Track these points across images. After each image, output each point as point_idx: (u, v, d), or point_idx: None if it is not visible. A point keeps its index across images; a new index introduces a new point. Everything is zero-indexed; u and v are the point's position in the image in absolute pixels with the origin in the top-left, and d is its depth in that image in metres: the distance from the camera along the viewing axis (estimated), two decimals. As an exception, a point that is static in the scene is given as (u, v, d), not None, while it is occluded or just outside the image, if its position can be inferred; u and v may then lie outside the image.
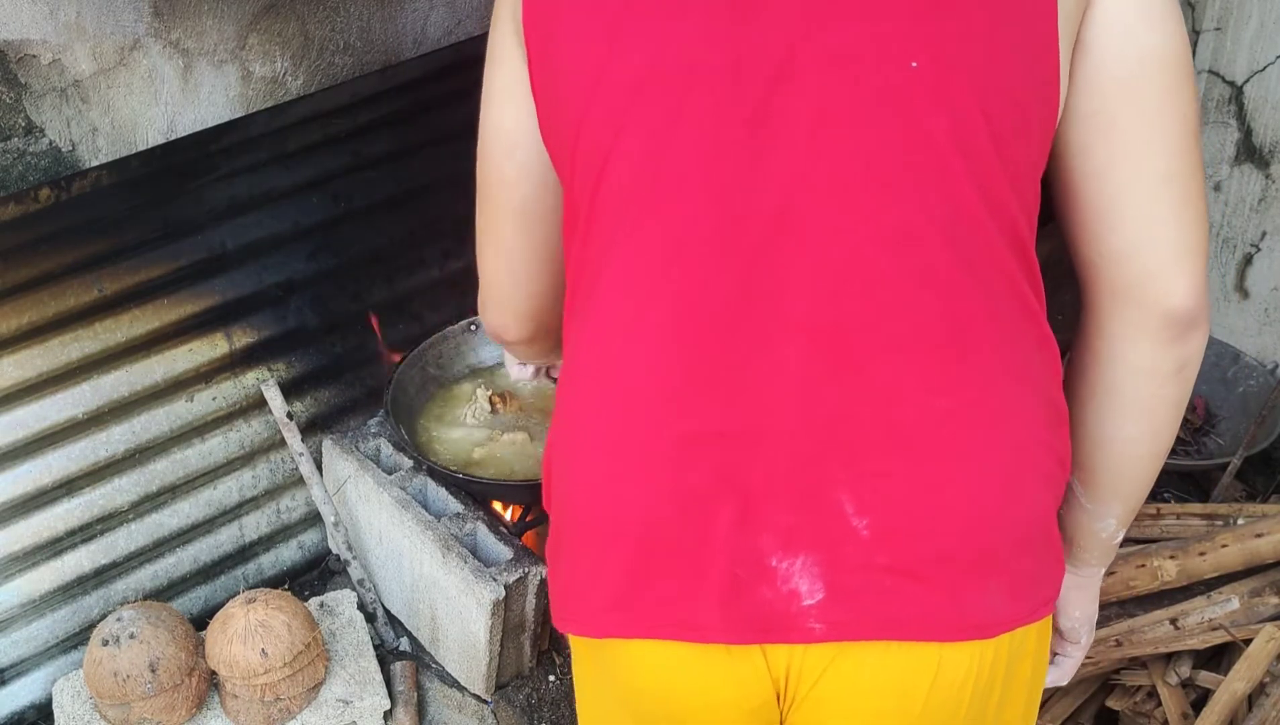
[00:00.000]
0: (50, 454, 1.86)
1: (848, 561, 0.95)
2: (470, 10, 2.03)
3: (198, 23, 1.71)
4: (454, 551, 1.90)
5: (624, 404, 0.98)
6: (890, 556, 0.95)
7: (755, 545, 0.96)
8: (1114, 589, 1.97)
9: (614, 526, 1.00)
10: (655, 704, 1.05)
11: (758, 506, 0.95)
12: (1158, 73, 0.93)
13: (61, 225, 1.73)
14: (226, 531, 2.09)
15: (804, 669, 0.99)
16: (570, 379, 1.04)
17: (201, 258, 1.91)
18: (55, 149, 1.66)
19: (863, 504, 0.94)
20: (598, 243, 0.98)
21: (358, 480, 2.06)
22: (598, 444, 1.00)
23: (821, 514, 0.95)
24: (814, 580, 0.95)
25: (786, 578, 0.96)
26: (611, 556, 1.00)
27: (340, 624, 1.99)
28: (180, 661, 1.78)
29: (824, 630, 0.96)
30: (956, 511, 0.95)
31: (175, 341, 1.93)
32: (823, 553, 0.95)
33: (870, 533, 0.94)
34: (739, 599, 0.97)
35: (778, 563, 0.95)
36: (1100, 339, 1.01)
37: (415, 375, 2.15)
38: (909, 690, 0.98)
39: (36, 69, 1.61)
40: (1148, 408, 1.03)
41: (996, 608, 0.97)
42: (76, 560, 1.93)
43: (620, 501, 0.99)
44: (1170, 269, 0.96)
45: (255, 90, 1.82)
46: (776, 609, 0.96)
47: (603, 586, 1.01)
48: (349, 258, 2.08)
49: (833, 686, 0.99)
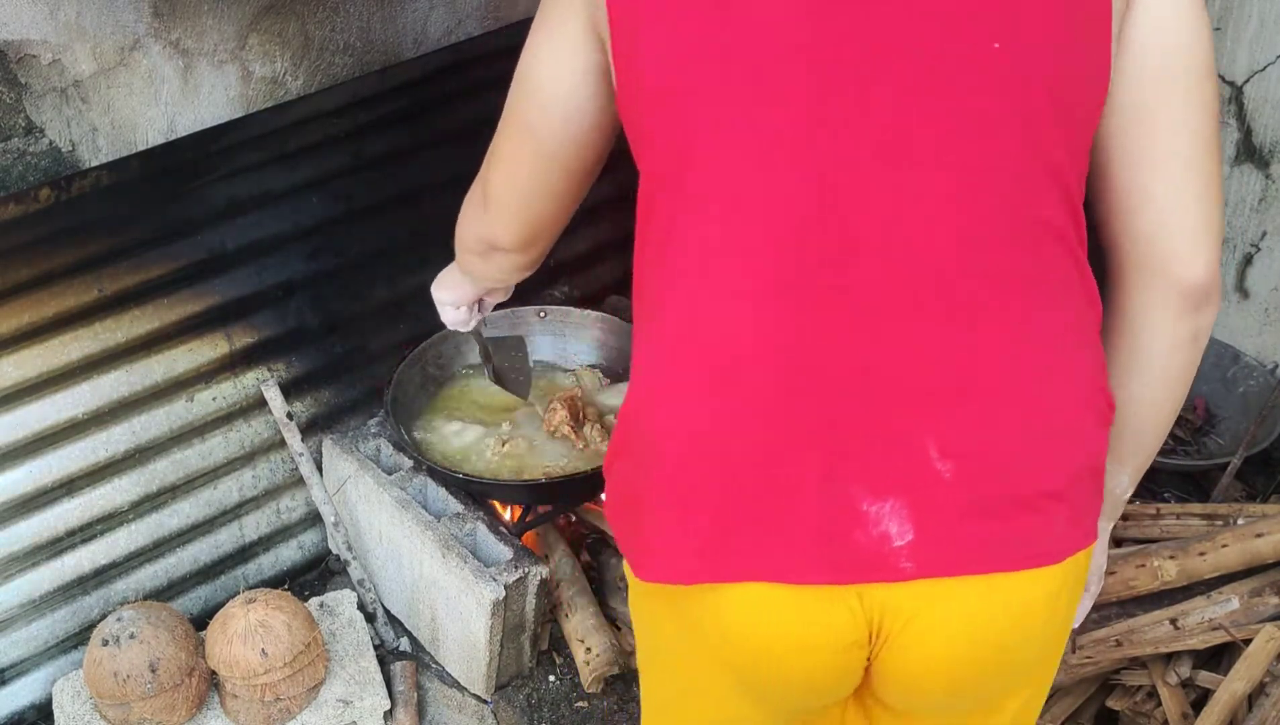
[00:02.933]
0: (50, 454, 1.86)
1: (934, 503, 1.01)
2: (470, 10, 2.03)
3: (198, 23, 1.71)
4: (454, 551, 1.90)
5: (718, 358, 1.03)
6: (971, 496, 1.01)
7: (847, 491, 1.01)
8: (1114, 589, 1.97)
9: (708, 475, 1.04)
10: (747, 650, 1.08)
11: (848, 454, 1.01)
12: (1189, 68, 1.03)
13: (61, 225, 1.73)
14: (226, 531, 2.09)
15: (898, 607, 1.04)
16: (656, 335, 1.08)
17: (201, 258, 1.91)
18: (55, 149, 1.66)
19: (945, 448, 1.01)
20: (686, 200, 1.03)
21: (358, 480, 2.06)
22: (691, 396, 1.05)
23: (908, 459, 1.01)
24: (903, 522, 1.01)
25: (877, 521, 1.01)
26: (704, 504, 1.04)
27: (340, 624, 1.99)
28: (180, 662, 1.78)
29: (914, 568, 1.02)
30: (1029, 451, 1.03)
31: (175, 341, 1.93)
32: (910, 496, 1.01)
33: (953, 475, 1.01)
34: (832, 542, 1.02)
35: (868, 507, 1.01)
36: (1125, 310, 1.12)
37: (415, 375, 2.15)
38: (993, 618, 1.05)
39: (36, 69, 1.61)
40: (1166, 372, 1.14)
41: (1062, 535, 1.05)
42: (76, 560, 1.93)
43: (715, 450, 1.03)
44: (1191, 248, 1.07)
45: (255, 90, 1.82)
46: (869, 550, 1.02)
47: (694, 534, 1.05)
48: (349, 258, 2.08)
49: (923, 622, 1.05)
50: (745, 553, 1.04)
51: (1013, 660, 1.09)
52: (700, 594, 1.07)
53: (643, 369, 1.10)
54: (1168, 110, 1.03)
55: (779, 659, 1.08)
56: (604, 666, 1.96)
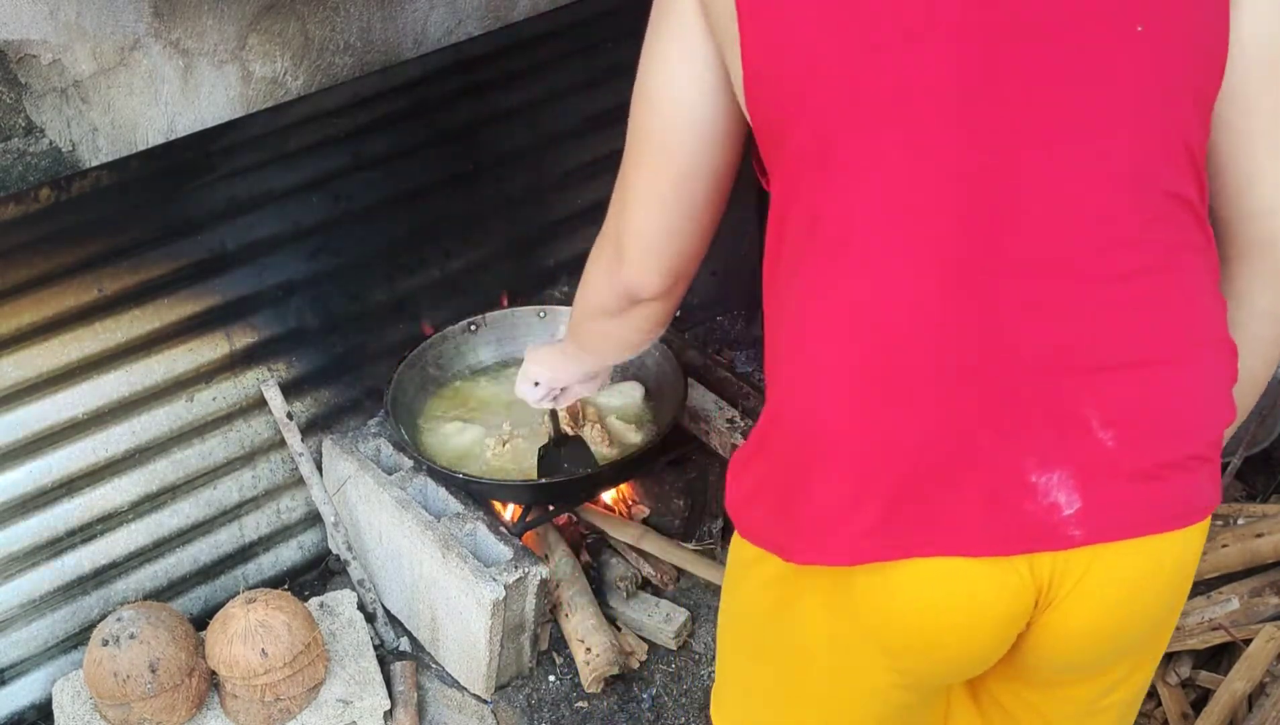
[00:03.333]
0: (50, 454, 1.86)
1: (1098, 471, 1.05)
2: (470, 10, 2.03)
3: (198, 23, 1.71)
4: (454, 551, 1.90)
5: (881, 338, 1.05)
6: (1131, 462, 1.05)
7: (1016, 464, 1.04)
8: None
9: (879, 455, 1.06)
10: (912, 629, 1.10)
11: (1015, 427, 1.04)
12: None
13: (62, 225, 1.73)
14: (226, 531, 2.09)
15: (1066, 573, 1.07)
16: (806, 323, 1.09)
17: (201, 258, 1.91)
18: (55, 149, 1.66)
19: (1106, 418, 1.04)
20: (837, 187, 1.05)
21: (358, 480, 2.06)
22: (857, 377, 1.06)
23: (1072, 430, 1.04)
24: (1070, 492, 1.04)
25: (1046, 492, 1.04)
26: (875, 483, 1.06)
27: (340, 624, 1.99)
28: (180, 662, 1.78)
29: (1082, 535, 1.05)
30: (1182, 416, 1.08)
31: (175, 341, 1.93)
32: (1076, 466, 1.05)
33: (1115, 443, 1.05)
34: (1003, 514, 1.05)
35: (1037, 478, 1.04)
36: (1231, 285, 1.16)
37: (415, 375, 2.15)
38: (1152, 577, 1.10)
39: (37, 69, 1.61)
40: (1265, 345, 1.20)
41: (1207, 492, 1.10)
42: (76, 560, 1.93)
43: (883, 431, 1.05)
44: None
45: (255, 90, 1.82)
46: (1038, 520, 1.05)
47: (863, 513, 1.06)
48: (349, 258, 2.08)
49: (1087, 586, 1.08)
50: (917, 529, 1.06)
51: (1161, 616, 1.16)
52: (865, 576, 1.09)
53: (791, 360, 1.11)
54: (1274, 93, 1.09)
55: (945, 634, 1.10)
56: (604, 666, 1.96)
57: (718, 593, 2.12)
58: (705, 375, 2.25)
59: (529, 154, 2.23)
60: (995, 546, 1.06)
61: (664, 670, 2.06)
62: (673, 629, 2.05)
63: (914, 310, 1.04)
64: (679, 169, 1.17)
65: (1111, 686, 1.22)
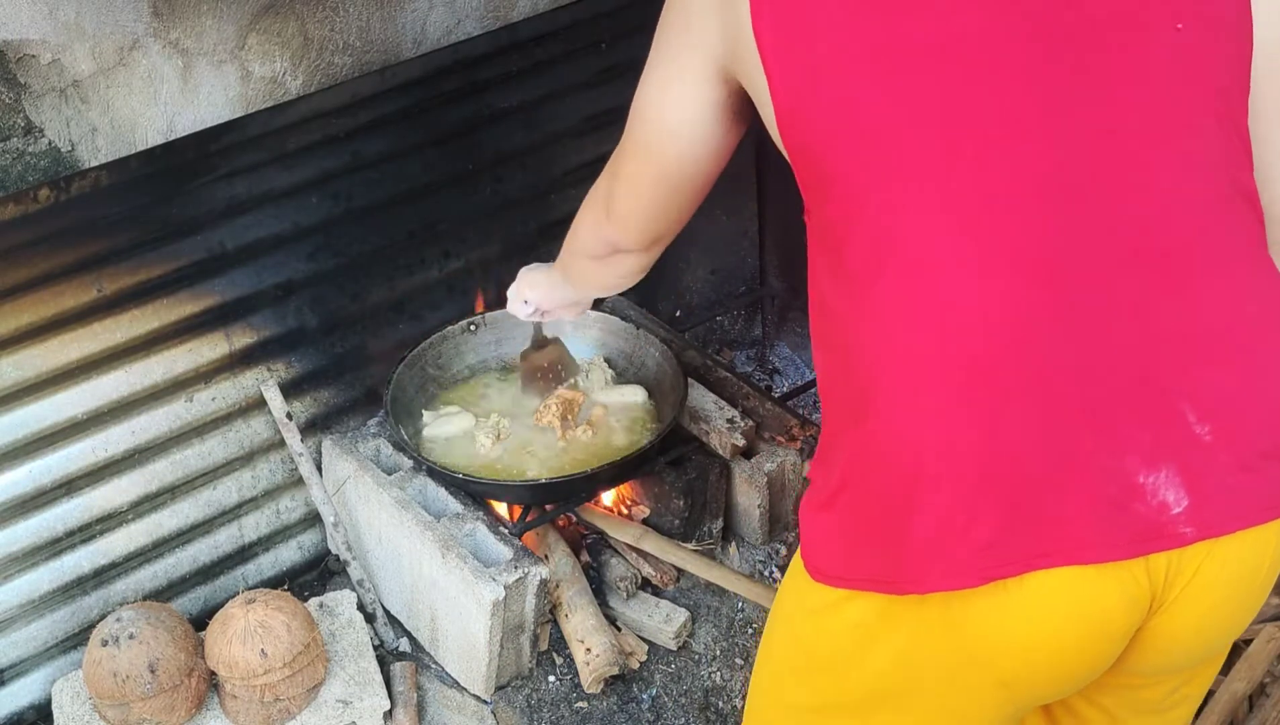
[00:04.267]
0: (50, 454, 1.86)
1: (1200, 466, 1.04)
2: (470, 10, 2.03)
3: (197, 23, 1.71)
4: (453, 552, 1.90)
5: (972, 352, 1.04)
6: (1231, 454, 1.05)
7: (1122, 466, 1.03)
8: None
9: (986, 470, 1.04)
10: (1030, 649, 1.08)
11: (1116, 430, 1.03)
12: None
13: (61, 225, 1.73)
14: (226, 532, 2.09)
15: (1179, 573, 1.07)
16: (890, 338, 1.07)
17: (201, 258, 1.91)
18: (55, 149, 1.66)
19: (1201, 412, 1.04)
20: (896, 214, 1.05)
21: (357, 481, 2.06)
22: (952, 395, 1.04)
23: (1171, 427, 1.04)
24: (1178, 489, 1.03)
25: (1154, 491, 1.03)
26: (985, 500, 1.04)
27: (340, 624, 1.99)
28: (180, 662, 1.78)
29: (1194, 532, 1.04)
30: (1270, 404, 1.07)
31: (175, 342, 1.93)
32: (1179, 462, 1.04)
33: (1212, 437, 1.04)
34: (1115, 518, 1.04)
35: (1144, 478, 1.03)
36: None
37: (415, 375, 2.14)
38: (1258, 567, 1.10)
39: (36, 69, 1.61)
40: None
41: None
42: (76, 561, 1.93)
43: (988, 445, 1.04)
44: None
45: (255, 90, 1.82)
46: (1150, 521, 1.04)
47: (976, 531, 1.04)
48: (349, 258, 2.07)
49: (1199, 583, 1.07)
50: (1031, 542, 1.04)
51: (1260, 603, 1.15)
52: (977, 600, 1.06)
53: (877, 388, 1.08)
54: None
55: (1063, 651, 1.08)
56: (604, 667, 1.96)
57: (718, 593, 2.12)
58: (705, 375, 2.25)
59: (528, 154, 2.23)
60: (1111, 551, 1.04)
61: (664, 670, 2.05)
62: (673, 629, 2.05)
63: (1001, 320, 1.03)
64: (663, 174, 1.24)
65: (1185, 681, 1.22)
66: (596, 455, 2.05)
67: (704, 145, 1.19)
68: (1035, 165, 1.03)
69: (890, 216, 1.05)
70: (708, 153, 1.20)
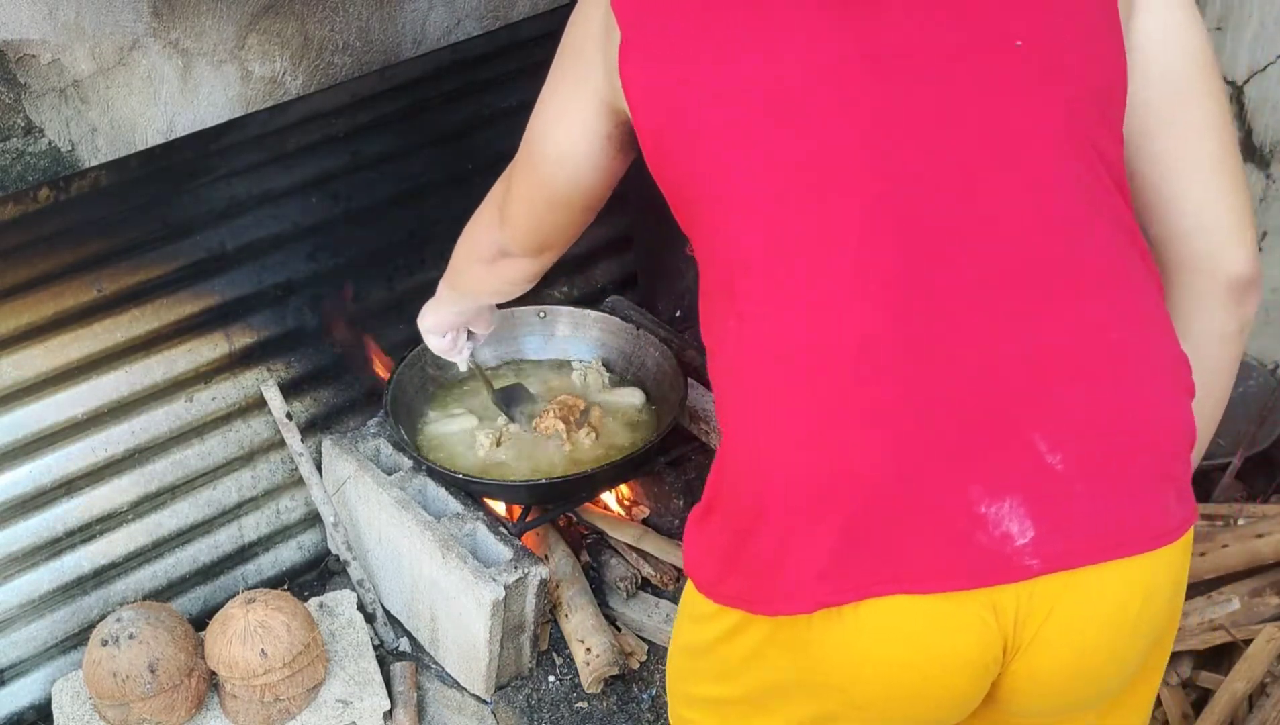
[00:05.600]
0: (50, 454, 1.86)
1: (1049, 497, 1.01)
2: (469, 10, 2.03)
3: (197, 23, 1.71)
4: (453, 552, 1.90)
5: (819, 376, 1.03)
6: (1085, 484, 1.01)
7: (965, 496, 1.01)
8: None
9: (824, 494, 1.03)
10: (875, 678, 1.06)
11: (959, 457, 1.01)
12: (1203, 66, 1.09)
13: (60, 225, 1.73)
14: (226, 532, 2.09)
15: (1031, 609, 1.03)
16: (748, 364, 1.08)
17: (201, 258, 1.91)
18: (54, 149, 1.66)
19: (1053, 441, 1.01)
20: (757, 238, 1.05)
21: (357, 480, 2.05)
22: (795, 417, 1.04)
23: (1018, 456, 1.01)
24: (1022, 520, 1.00)
25: (997, 522, 1.00)
26: (823, 524, 1.03)
27: (340, 624, 1.99)
28: (179, 662, 1.78)
29: (1040, 564, 1.01)
30: (1130, 435, 1.04)
31: (175, 341, 1.93)
32: (1026, 492, 1.01)
33: (1064, 466, 1.01)
34: (955, 548, 1.01)
35: (986, 508, 1.00)
36: (1171, 307, 1.14)
37: (415, 375, 2.14)
38: (1124, 604, 1.05)
39: (36, 69, 1.61)
40: (1214, 366, 1.17)
41: (1174, 512, 1.05)
42: (76, 561, 1.93)
43: (827, 469, 1.03)
44: (1231, 242, 1.12)
45: (254, 90, 1.82)
46: (992, 552, 1.01)
47: (814, 556, 1.04)
48: (349, 258, 2.07)
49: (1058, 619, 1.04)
50: (871, 569, 1.02)
51: (1144, 643, 1.10)
52: (823, 624, 1.05)
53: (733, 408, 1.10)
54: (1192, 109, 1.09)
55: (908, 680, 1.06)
56: (604, 667, 1.96)
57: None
58: (705, 376, 2.24)
59: (528, 154, 2.23)
60: (950, 582, 1.01)
61: (664, 670, 2.05)
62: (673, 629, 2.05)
63: (839, 352, 1.02)
64: (551, 196, 1.26)
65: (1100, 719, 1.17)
66: (596, 456, 2.05)
67: (592, 173, 1.21)
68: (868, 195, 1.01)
69: (737, 252, 1.07)
70: (596, 180, 1.22)
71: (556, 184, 1.24)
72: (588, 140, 1.18)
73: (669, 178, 1.11)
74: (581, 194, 1.25)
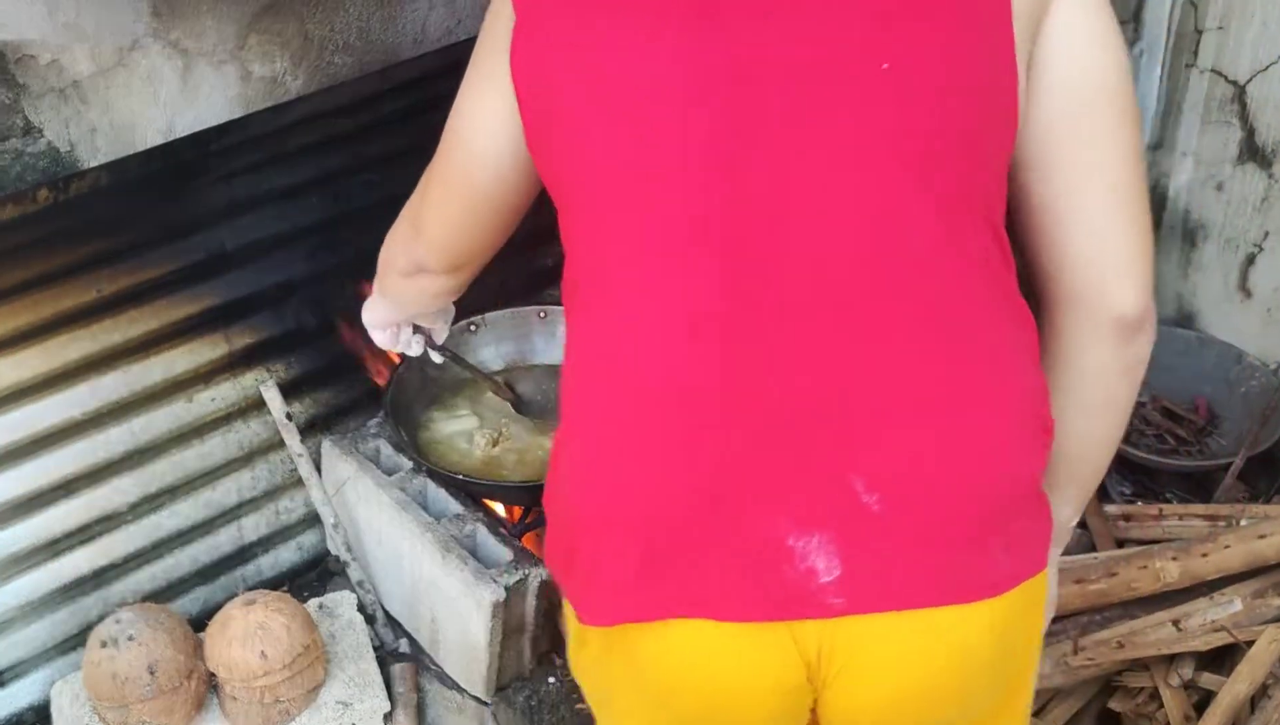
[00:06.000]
0: (48, 455, 1.85)
1: (861, 537, 0.99)
2: (469, 10, 2.02)
3: (197, 23, 1.70)
4: (454, 553, 1.90)
5: (635, 396, 1.02)
6: (900, 529, 0.99)
7: (772, 526, 0.99)
8: (1115, 590, 1.96)
9: (631, 514, 1.03)
10: (689, 692, 1.06)
11: (772, 487, 0.99)
12: (1107, 91, 1.00)
13: (60, 226, 1.73)
14: (225, 532, 2.08)
15: (834, 646, 1.02)
16: (577, 372, 1.08)
17: (200, 258, 1.90)
18: (54, 149, 1.65)
19: (871, 480, 0.98)
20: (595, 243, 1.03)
21: (357, 481, 2.05)
22: (612, 436, 1.04)
23: (833, 491, 0.99)
24: (830, 557, 0.99)
25: (804, 556, 0.99)
26: (629, 544, 1.03)
27: (340, 626, 1.98)
28: (179, 664, 1.78)
29: (844, 604, 1.00)
30: (957, 481, 1.00)
31: (174, 342, 1.92)
32: (836, 530, 0.99)
33: (880, 507, 0.99)
34: (759, 578, 1.00)
35: (794, 542, 0.99)
36: (1054, 340, 1.09)
37: (415, 376, 2.14)
38: (931, 655, 1.02)
39: (35, 69, 1.60)
40: (1100, 404, 1.12)
41: (998, 566, 1.02)
42: (75, 562, 1.92)
43: (637, 489, 1.02)
44: (1119, 276, 1.04)
45: (255, 90, 1.81)
46: (796, 586, 1.00)
47: (620, 574, 1.04)
48: (348, 258, 2.07)
49: (862, 661, 1.02)
50: (675, 590, 1.02)
51: (960, 696, 1.07)
52: (639, 635, 1.05)
53: (567, 401, 1.09)
54: (1089, 133, 1.00)
55: (721, 701, 1.05)
56: (604, 668, 1.96)
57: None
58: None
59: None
60: (751, 611, 1.00)
61: (664, 672, 2.05)
62: (673, 630, 2.04)
63: (663, 363, 1.00)
64: (471, 196, 1.16)
65: None
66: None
67: (512, 173, 1.12)
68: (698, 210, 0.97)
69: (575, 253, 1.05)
70: (515, 183, 1.13)
71: (476, 184, 1.14)
72: (506, 132, 1.08)
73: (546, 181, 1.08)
74: (500, 200, 1.15)
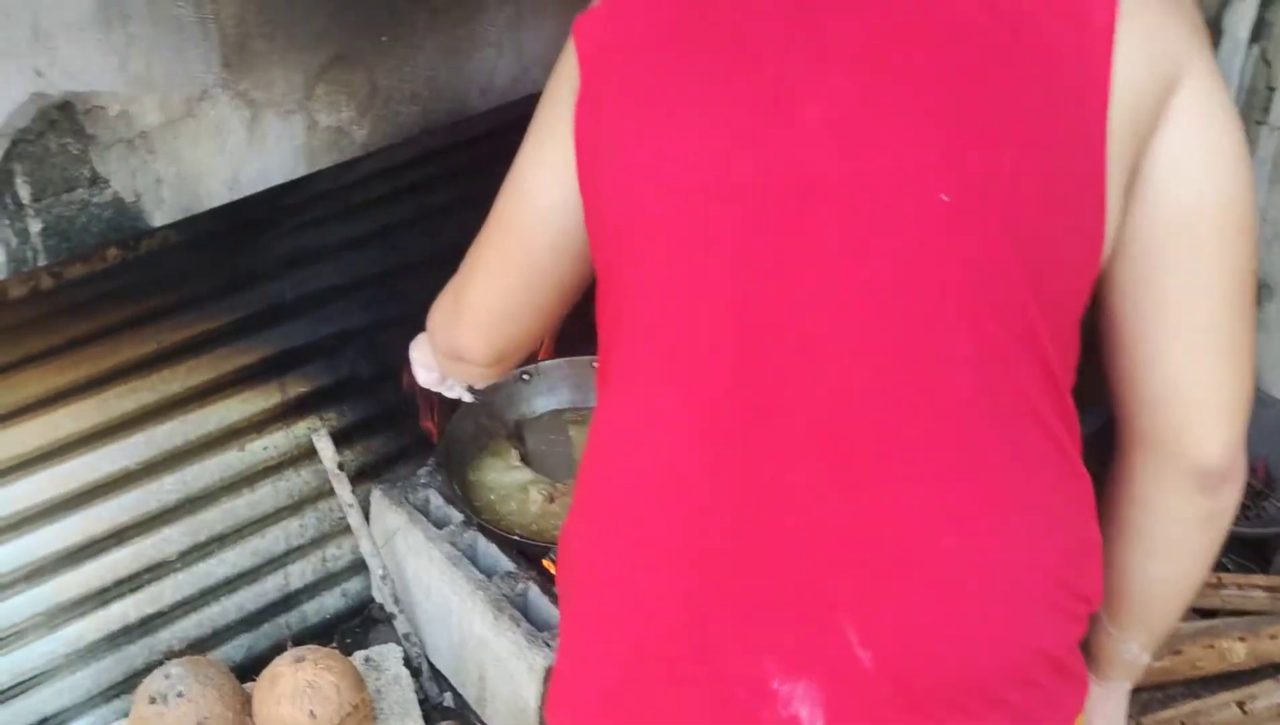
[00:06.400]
0: (101, 504, 1.83)
1: (850, 691, 0.94)
2: (535, 58, 1.99)
3: (267, 73, 1.68)
4: (506, 614, 1.87)
5: (640, 508, 0.99)
6: (892, 688, 0.93)
7: (758, 666, 0.95)
8: (1180, 669, 1.93)
9: (617, 629, 1.00)
10: None
11: (763, 627, 0.95)
12: (1212, 218, 0.90)
13: (127, 281, 1.71)
14: (272, 580, 2.06)
15: None
16: (593, 469, 1.05)
17: (260, 309, 1.89)
18: (119, 200, 1.63)
19: (867, 633, 0.93)
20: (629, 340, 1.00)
21: (407, 533, 2.02)
22: (611, 545, 1.01)
23: (825, 639, 0.94)
24: (814, 707, 0.94)
25: (787, 701, 0.95)
26: (611, 658, 1.00)
27: (386, 680, 1.96)
28: (228, 721, 1.75)
29: None
30: (958, 646, 0.94)
31: (229, 391, 1.90)
32: (824, 679, 0.94)
33: (873, 663, 0.93)
34: (737, 718, 0.96)
35: (779, 685, 0.95)
36: (1129, 481, 1.01)
37: (467, 426, 2.11)
38: None
39: (104, 120, 1.58)
40: (1174, 552, 1.03)
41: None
42: (123, 609, 1.90)
43: (627, 605, 1.00)
44: (1204, 422, 0.94)
45: (320, 140, 1.79)
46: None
47: (599, 684, 1.01)
48: (404, 307, 2.04)
49: None
50: (648, 712, 0.99)
51: None
52: None
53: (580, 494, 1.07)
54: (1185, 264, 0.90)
55: None
56: (655, 733, 1.93)
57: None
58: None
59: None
60: None
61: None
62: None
63: (664, 483, 0.96)
64: (531, 264, 1.07)
65: None
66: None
67: (563, 237, 1.03)
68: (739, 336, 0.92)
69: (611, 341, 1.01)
70: (574, 252, 1.04)
71: (532, 249, 1.05)
72: (566, 196, 1.00)
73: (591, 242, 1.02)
74: (556, 270, 1.06)
